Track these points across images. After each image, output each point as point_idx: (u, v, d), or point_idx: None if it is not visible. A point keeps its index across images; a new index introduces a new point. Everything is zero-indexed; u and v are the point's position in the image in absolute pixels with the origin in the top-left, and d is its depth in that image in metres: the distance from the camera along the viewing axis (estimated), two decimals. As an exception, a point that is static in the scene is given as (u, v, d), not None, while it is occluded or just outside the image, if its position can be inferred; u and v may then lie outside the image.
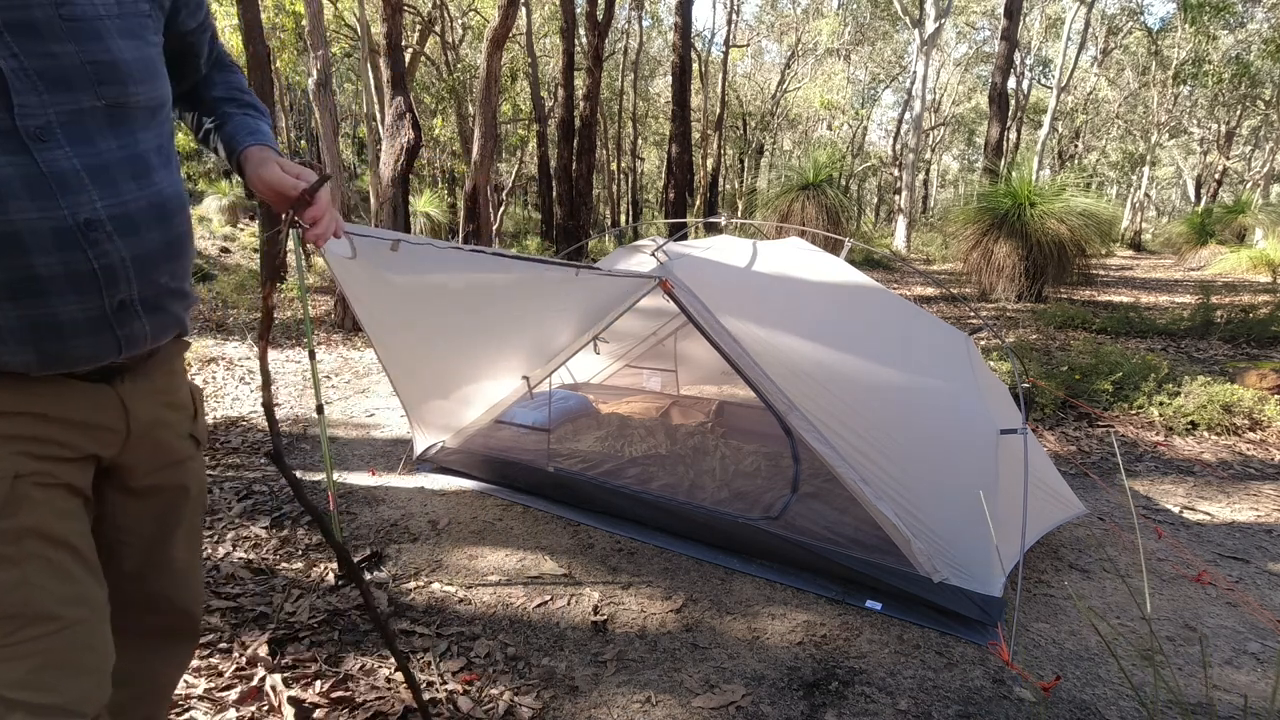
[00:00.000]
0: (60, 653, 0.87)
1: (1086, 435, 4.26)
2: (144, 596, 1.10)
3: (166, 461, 1.08)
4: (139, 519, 1.06)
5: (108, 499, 1.03)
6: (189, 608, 1.17)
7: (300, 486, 1.08)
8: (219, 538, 2.86)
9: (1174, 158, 29.16)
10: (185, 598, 1.16)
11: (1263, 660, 2.13)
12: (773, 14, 27.34)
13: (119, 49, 0.87)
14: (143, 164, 0.92)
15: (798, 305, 2.80)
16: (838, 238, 3.66)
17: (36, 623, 0.86)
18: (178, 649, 1.19)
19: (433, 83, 18.51)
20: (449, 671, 2.04)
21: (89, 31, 0.84)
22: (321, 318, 8.27)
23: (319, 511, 1.18)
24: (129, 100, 0.89)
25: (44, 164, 0.82)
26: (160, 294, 0.97)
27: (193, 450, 1.13)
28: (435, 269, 2.50)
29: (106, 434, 0.98)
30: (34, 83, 0.80)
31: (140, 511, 1.06)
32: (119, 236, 0.89)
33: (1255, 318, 6.89)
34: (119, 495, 1.04)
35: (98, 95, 0.85)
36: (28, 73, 0.79)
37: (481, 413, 3.65)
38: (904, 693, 1.97)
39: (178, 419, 1.09)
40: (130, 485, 1.04)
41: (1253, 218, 15.48)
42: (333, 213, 1.11)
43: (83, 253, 0.86)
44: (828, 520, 2.63)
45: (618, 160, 23.03)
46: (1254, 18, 19.72)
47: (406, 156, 7.45)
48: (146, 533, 1.08)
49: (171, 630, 1.16)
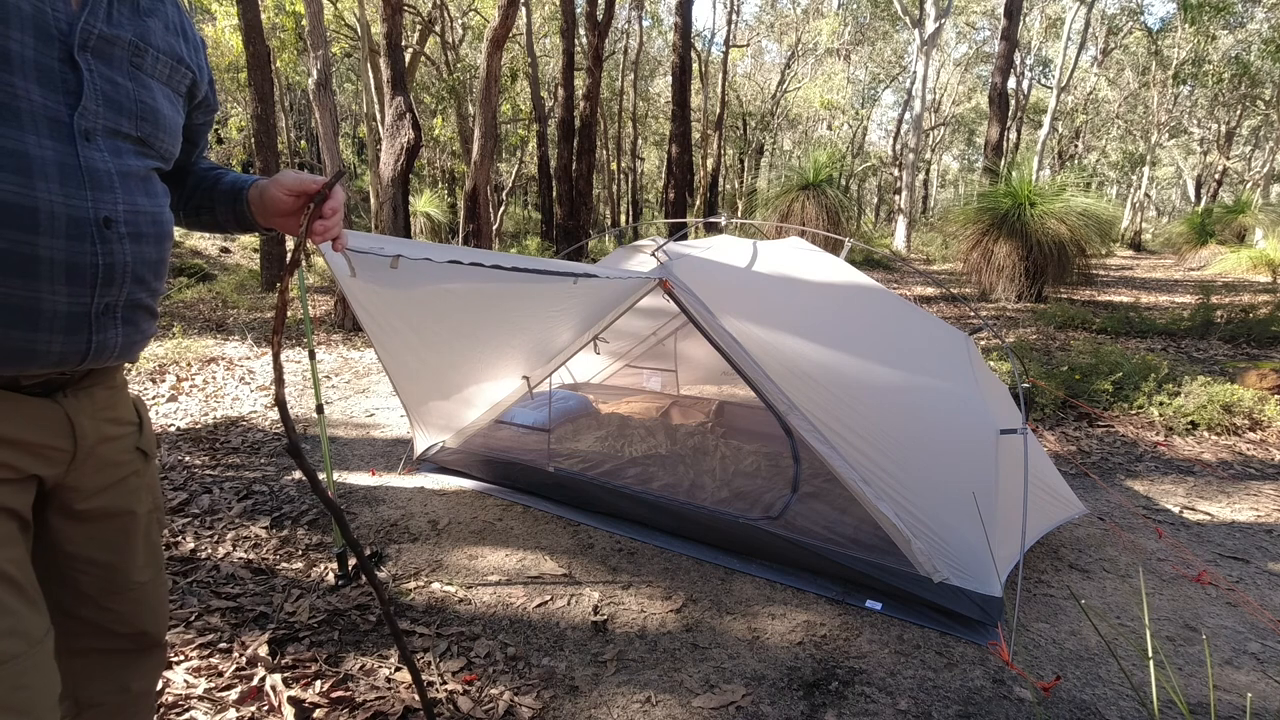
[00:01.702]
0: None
1: (1086, 435, 4.26)
2: (105, 618, 1.06)
3: (112, 480, 1.04)
4: (87, 546, 1.02)
5: (51, 525, 0.99)
6: (153, 627, 1.14)
7: (318, 481, 1.07)
8: (219, 538, 2.86)
9: (1174, 158, 29.18)
10: (148, 618, 1.12)
11: (1263, 660, 2.13)
12: (773, 14, 27.35)
13: (159, 103, 1.01)
14: (155, 187, 1.03)
15: (798, 305, 2.80)
16: (838, 238, 3.66)
17: None
18: (147, 661, 1.16)
19: (433, 83, 18.52)
20: (449, 671, 2.04)
21: (144, 82, 0.99)
22: (321, 318, 8.28)
23: (338, 508, 1.18)
24: (155, 142, 1.01)
25: (83, 159, 0.90)
26: (139, 306, 1.01)
27: (141, 464, 1.10)
28: (435, 281, 2.50)
29: (53, 453, 0.95)
30: (97, 95, 0.92)
31: (87, 538, 1.02)
32: (129, 241, 0.95)
33: (1255, 318, 6.89)
34: (62, 520, 1.00)
35: (136, 127, 0.97)
36: (96, 86, 0.92)
37: (482, 413, 3.65)
38: (904, 693, 1.97)
39: (122, 434, 1.06)
40: (75, 508, 1.00)
41: (1253, 218, 15.49)
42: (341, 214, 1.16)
43: (91, 246, 0.91)
44: (828, 520, 2.63)
45: (618, 160, 23.03)
46: (1254, 18, 19.72)
47: (406, 156, 7.45)
48: (100, 559, 1.04)
49: (138, 647, 1.13)
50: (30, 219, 0.85)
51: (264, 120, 9.81)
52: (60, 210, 0.87)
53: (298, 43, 13.74)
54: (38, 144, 0.85)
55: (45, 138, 0.86)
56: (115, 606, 1.07)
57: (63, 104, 0.88)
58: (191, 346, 6.38)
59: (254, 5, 9.85)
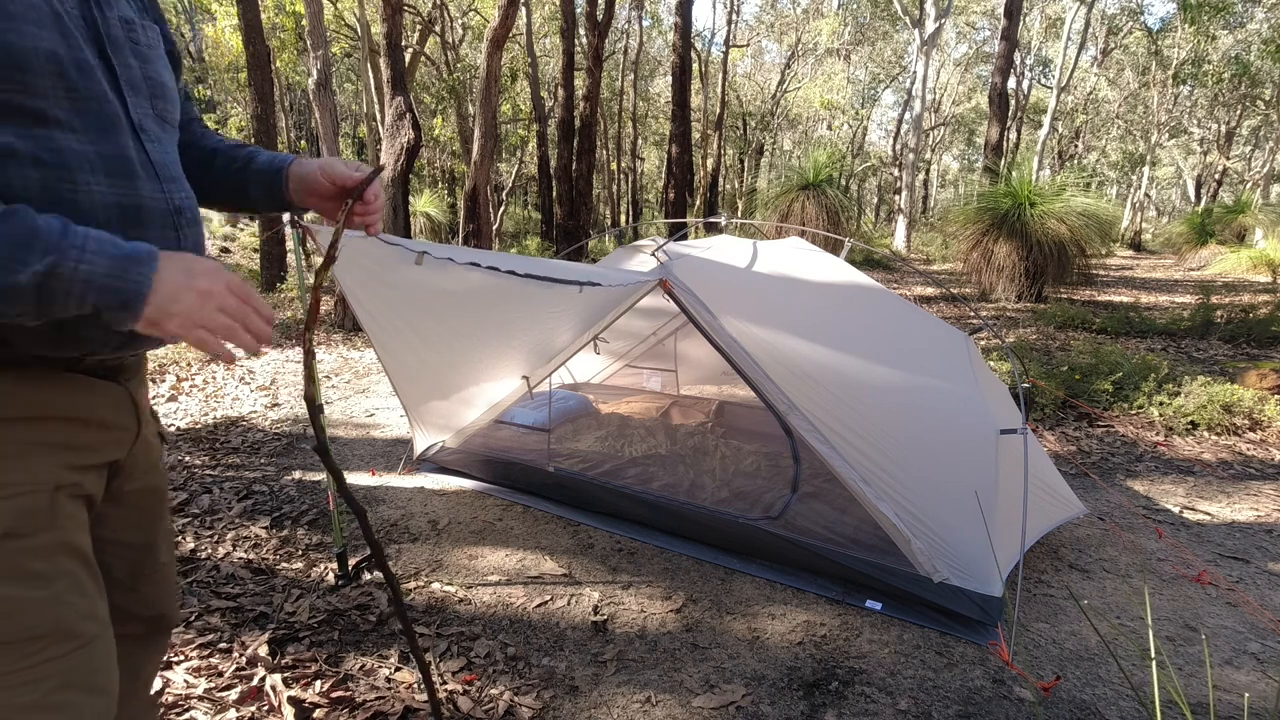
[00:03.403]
0: (78, 672, 0.86)
1: (1086, 435, 4.26)
2: (132, 603, 1.08)
3: (153, 462, 1.08)
4: (123, 529, 1.05)
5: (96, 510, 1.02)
6: (171, 609, 1.17)
7: (344, 481, 1.08)
8: (219, 538, 2.86)
9: (1174, 158, 29.17)
10: (168, 599, 1.15)
11: (1263, 660, 2.13)
12: (773, 14, 27.34)
13: (163, 75, 1.00)
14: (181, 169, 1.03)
15: (798, 305, 2.80)
16: (838, 238, 3.66)
17: (60, 641, 0.85)
18: (159, 644, 1.20)
19: (433, 83, 18.51)
20: (449, 671, 2.04)
21: (146, 56, 0.97)
22: (322, 318, 8.28)
23: (362, 509, 1.19)
24: (169, 116, 1.01)
25: (151, 152, 0.93)
26: None
27: (160, 449, 1.14)
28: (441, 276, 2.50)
29: (124, 434, 0.99)
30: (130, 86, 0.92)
31: (124, 520, 1.05)
32: (190, 226, 1.00)
33: (1255, 318, 6.89)
34: (107, 505, 1.02)
35: (153, 106, 0.97)
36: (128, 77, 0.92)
37: (482, 413, 3.65)
38: (904, 693, 1.97)
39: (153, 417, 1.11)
40: (122, 490, 1.02)
41: (1253, 218, 15.48)
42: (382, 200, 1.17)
43: (175, 233, 0.96)
44: (828, 520, 2.63)
45: (618, 160, 23.02)
46: (1254, 18, 19.71)
47: (406, 156, 7.45)
48: (134, 541, 1.07)
49: (155, 630, 1.16)
50: (143, 217, 0.91)
51: (264, 120, 9.81)
52: (156, 204, 0.93)
53: (298, 43, 13.74)
54: (127, 145, 0.90)
55: (128, 137, 0.90)
56: (142, 589, 1.10)
57: (118, 102, 0.90)
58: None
59: (254, 5, 9.85)
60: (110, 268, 0.76)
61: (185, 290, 0.80)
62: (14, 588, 0.82)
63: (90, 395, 0.92)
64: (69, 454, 0.90)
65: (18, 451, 0.85)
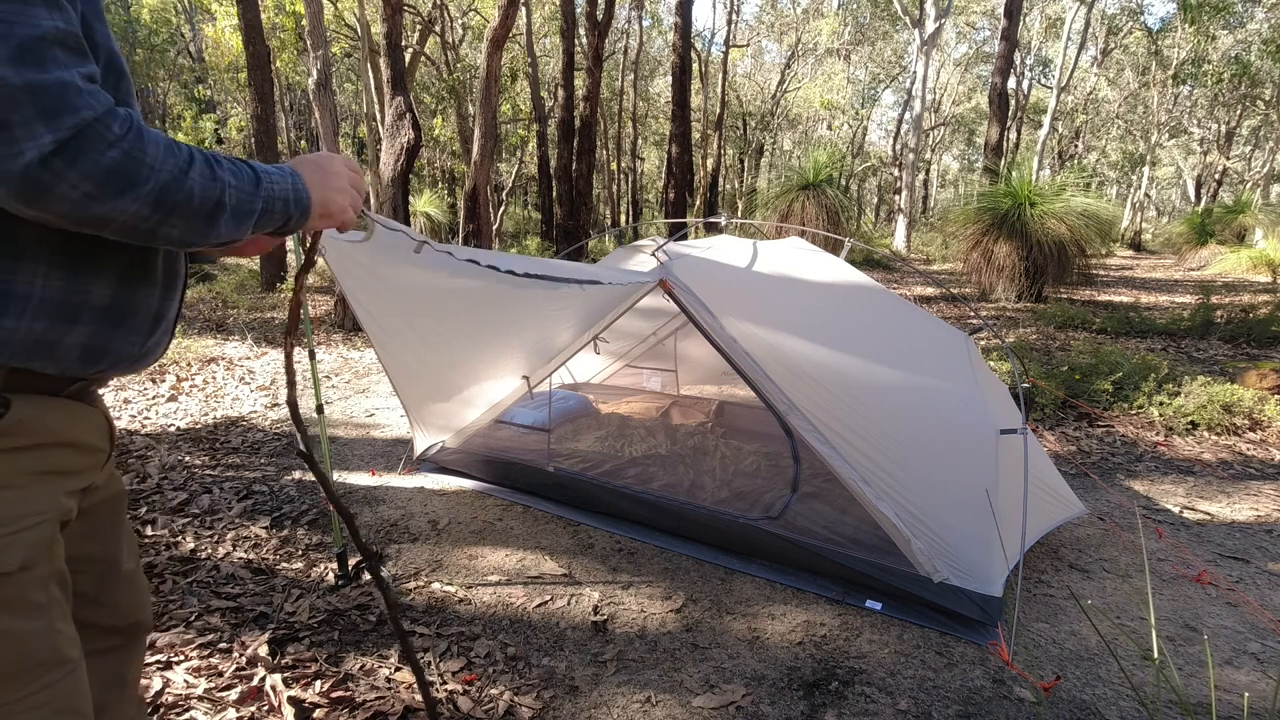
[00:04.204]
0: (66, 697, 0.86)
1: (1086, 435, 4.26)
2: (103, 615, 1.07)
3: (109, 471, 1.07)
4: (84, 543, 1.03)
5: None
6: (145, 613, 1.15)
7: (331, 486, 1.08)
8: (219, 538, 2.86)
9: (1174, 158, 29.18)
10: (141, 604, 1.14)
11: (1263, 660, 2.13)
12: (773, 14, 27.34)
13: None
14: None
15: (798, 305, 2.80)
16: (838, 238, 3.66)
17: (55, 668, 0.85)
18: (138, 647, 1.18)
19: (433, 83, 18.51)
20: (449, 671, 2.04)
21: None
22: (321, 318, 8.28)
23: (349, 513, 1.19)
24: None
25: None
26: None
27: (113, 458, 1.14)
28: (442, 275, 2.50)
29: (102, 456, 0.98)
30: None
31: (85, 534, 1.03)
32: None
33: (1255, 318, 6.90)
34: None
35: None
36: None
37: (482, 413, 3.65)
38: (904, 693, 1.97)
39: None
40: (83, 506, 1.00)
41: (1253, 218, 15.49)
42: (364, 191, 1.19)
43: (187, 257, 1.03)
44: (828, 520, 2.63)
45: (618, 160, 23.02)
46: (1254, 18, 19.71)
47: (406, 156, 7.45)
48: (96, 554, 1.05)
49: (134, 636, 1.14)
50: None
51: (264, 120, 9.81)
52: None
53: (298, 43, 13.74)
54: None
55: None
56: (112, 600, 1.08)
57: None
58: (191, 346, 6.38)
59: (254, 5, 9.86)
60: (286, 186, 0.91)
61: (330, 179, 0.99)
62: (23, 620, 0.83)
63: (74, 419, 0.91)
64: (68, 480, 0.90)
65: (31, 480, 0.85)
